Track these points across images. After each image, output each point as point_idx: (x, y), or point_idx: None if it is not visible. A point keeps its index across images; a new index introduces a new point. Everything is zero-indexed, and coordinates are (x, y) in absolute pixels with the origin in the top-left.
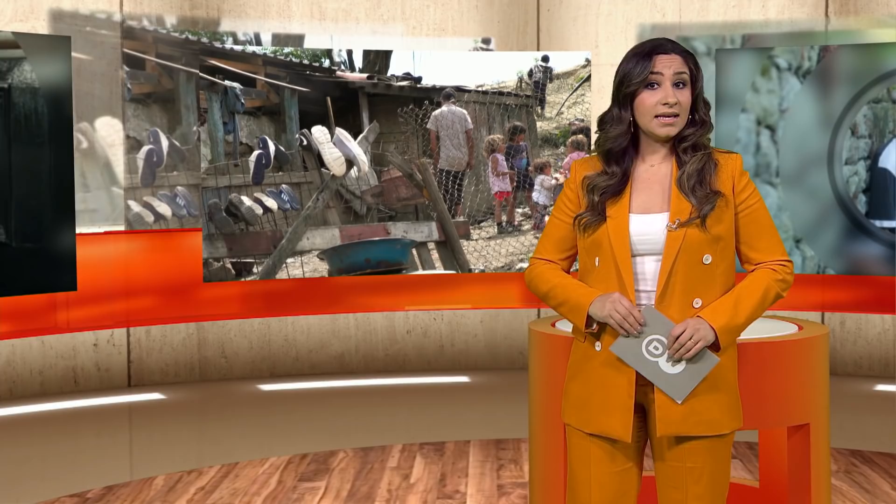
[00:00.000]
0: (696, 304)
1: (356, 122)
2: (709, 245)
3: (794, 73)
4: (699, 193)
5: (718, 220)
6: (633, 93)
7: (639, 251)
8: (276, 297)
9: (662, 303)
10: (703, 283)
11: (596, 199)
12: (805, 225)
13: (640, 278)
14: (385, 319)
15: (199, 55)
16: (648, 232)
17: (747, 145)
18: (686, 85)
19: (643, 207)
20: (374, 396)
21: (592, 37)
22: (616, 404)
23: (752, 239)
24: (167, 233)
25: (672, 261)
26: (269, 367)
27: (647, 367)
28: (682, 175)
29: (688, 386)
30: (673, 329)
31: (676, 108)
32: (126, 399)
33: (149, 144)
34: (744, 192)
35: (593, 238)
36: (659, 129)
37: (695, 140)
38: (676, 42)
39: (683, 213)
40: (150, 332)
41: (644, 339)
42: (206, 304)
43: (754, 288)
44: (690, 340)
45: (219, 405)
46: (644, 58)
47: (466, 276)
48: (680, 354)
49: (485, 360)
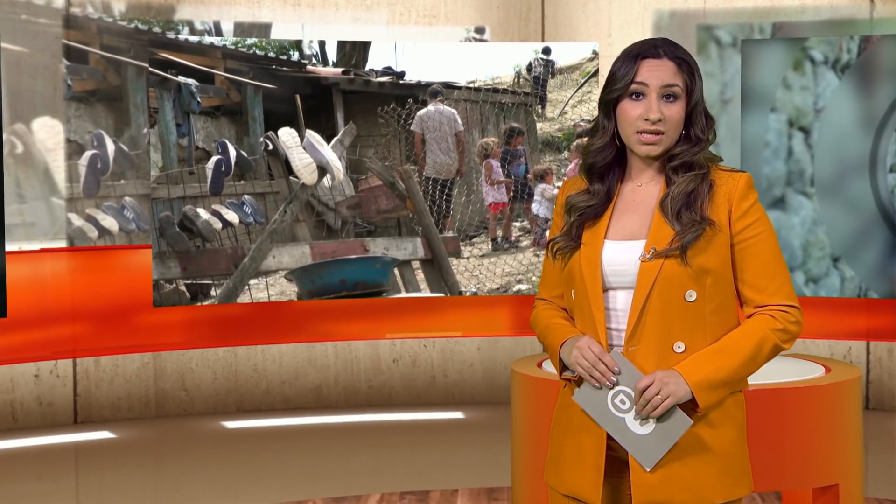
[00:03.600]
0: (677, 347)
1: (329, 123)
2: (692, 279)
3: (830, 66)
4: (684, 219)
5: (703, 252)
6: (616, 100)
7: (611, 284)
8: (237, 325)
9: (632, 342)
10: (687, 324)
11: (572, 220)
12: (844, 241)
13: (611, 314)
14: (368, 347)
15: (148, 47)
16: (622, 262)
17: (777, 150)
18: (677, 98)
19: (622, 233)
20: (354, 435)
21: (605, 24)
22: (587, 461)
23: (750, 276)
24: (112, 250)
25: (644, 295)
26: (235, 400)
27: (613, 423)
28: (666, 197)
29: (657, 451)
30: (639, 381)
31: (661, 125)
32: (72, 438)
33: (92, 149)
34: (745, 217)
35: (568, 267)
36: (638, 146)
37: (687, 159)
38: (676, 45)
39: (662, 241)
40: (99, 362)
41: (610, 390)
42: (158, 331)
43: (745, 337)
44: (658, 396)
45: (178, 445)
46: (629, 61)
47: (456, 300)
48: (646, 412)
49: (482, 393)
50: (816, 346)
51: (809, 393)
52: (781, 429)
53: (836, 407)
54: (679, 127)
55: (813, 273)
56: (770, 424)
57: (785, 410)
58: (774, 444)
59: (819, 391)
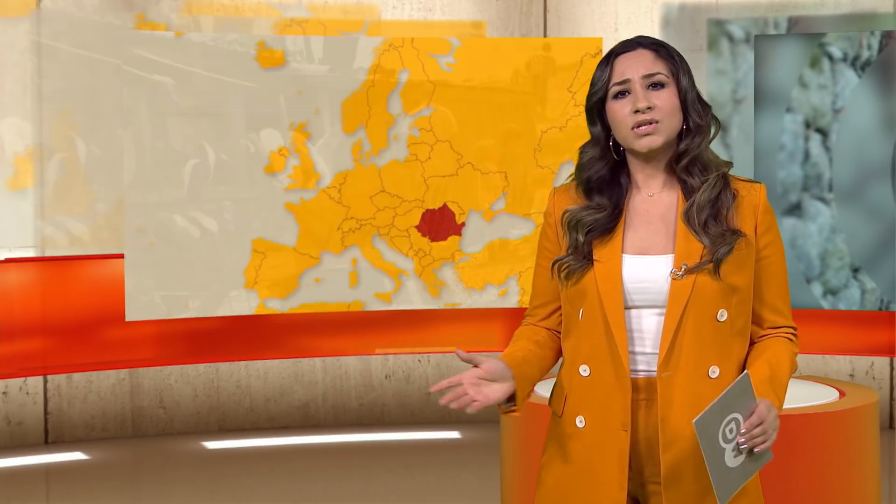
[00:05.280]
0: (712, 373)
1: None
2: (724, 298)
3: (850, 64)
4: (713, 231)
5: (735, 267)
6: (600, 106)
7: (635, 303)
8: (218, 338)
9: (666, 369)
10: (719, 346)
11: (581, 238)
12: (864, 250)
13: (636, 337)
14: (359, 362)
15: (123, 44)
16: (647, 279)
17: (793, 153)
18: (664, 86)
19: (640, 248)
20: (344, 456)
21: (611, 18)
22: (604, 497)
23: (771, 296)
24: (84, 260)
25: (679, 316)
26: (217, 419)
27: (714, 452)
28: (690, 207)
29: (735, 484)
30: (757, 409)
31: (653, 112)
32: (42, 459)
33: (63, 152)
34: (767, 233)
35: (578, 286)
36: (637, 141)
37: (696, 153)
38: (653, 37)
39: (692, 257)
40: (72, 379)
41: (727, 416)
42: (134, 345)
43: (783, 362)
44: (772, 430)
45: (155, 466)
46: (604, 62)
47: (450, 312)
48: (755, 444)
49: (481, 412)
50: (837, 361)
51: (821, 420)
52: (790, 459)
53: (850, 435)
54: (675, 115)
55: (831, 284)
56: (781, 453)
57: (794, 439)
58: (782, 476)
59: (832, 418)
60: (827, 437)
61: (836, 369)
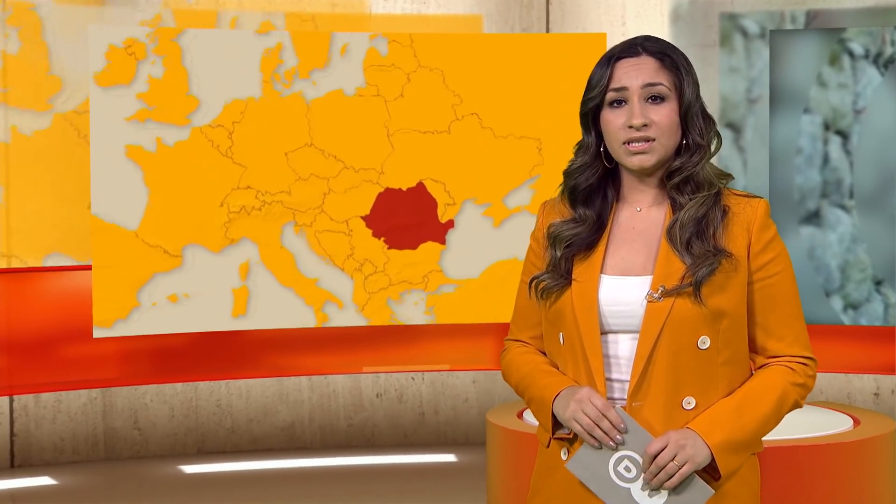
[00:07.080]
0: (686, 404)
1: None
2: (706, 323)
3: (872, 61)
4: (696, 250)
5: (720, 290)
6: (595, 112)
7: (611, 327)
8: (196, 355)
9: (636, 398)
10: (698, 376)
11: (559, 254)
12: (887, 261)
13: (612, 363)
14: (348, 380)
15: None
16: (623, 301)
17: (811, 157)
18: (664, 99)
19: (621, 267)
20: (332, 480)
21: (618, 11)
22: None
23: (770, 321)
24: (50, 271)
25: (652, 342)
26: (196, 441)
27: (614, 494)
28: (673, 224)
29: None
30: (649, 445)
31: (649, 130)
32: (8, 484)
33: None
34: (766, 252)
35: (556, 307)
36: (628, 158)
37: (690, 172)
38: (659, 40)
39: (671, 278)
40: (39, 398)
41: (612, 455)
42: (105, 363)
43: (765, 391)
44: (673, 462)
45: (129, 492)
46: (603, 65)
47: (445, 327)
48: (659, 481)
49: (478, 433)
50: (861, 380)
51: (832, 451)
52: (800, 493)
53: (865, 466)
54: (673, 133)
55: (852, 298)
56: (787, 488)
57: (803, 472)
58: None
59: (845, 449)
60: (838, 469)
61: (861, 388)
